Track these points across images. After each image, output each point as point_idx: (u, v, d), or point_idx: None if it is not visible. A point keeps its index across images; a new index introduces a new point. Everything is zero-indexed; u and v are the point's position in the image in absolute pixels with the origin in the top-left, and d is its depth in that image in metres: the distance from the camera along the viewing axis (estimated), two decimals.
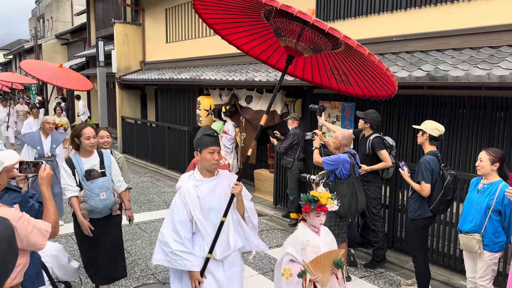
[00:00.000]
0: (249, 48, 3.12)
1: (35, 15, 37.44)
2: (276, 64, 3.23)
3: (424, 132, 3.99)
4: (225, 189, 2.77)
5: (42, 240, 1.98)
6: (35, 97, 23.30)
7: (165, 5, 11.58)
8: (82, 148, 3.48)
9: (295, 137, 6.25)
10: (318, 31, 2.46)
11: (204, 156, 2.70)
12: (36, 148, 5.62)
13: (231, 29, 2.97)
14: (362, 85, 2.92)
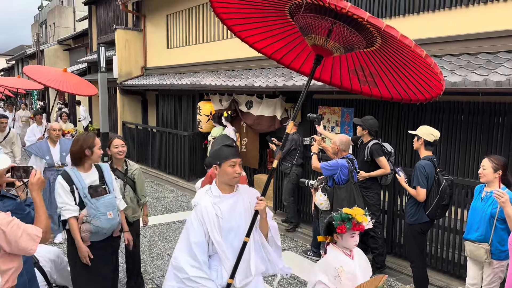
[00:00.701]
0: (272, 52, 2.87)
1: (38, 21, 37.68)
2: (301, 67, 2.97)
3: (419, 137, 4.02)
4: (245, 206, 2.50)
5: (33, 245, 2.00)
6: (37, 102, 23.41)
7: (166, 11, 11.67)
8: (88, 161, 3.14)
9: (293, 142, 6.27)
10: (355, 27, 2.19)
11: (224, 170, 2.42)
12: (44, 158, 5.23)
13: (251, 30, 2.75)
14: (392, 87, 2.65)
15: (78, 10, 27.85)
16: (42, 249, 2.83)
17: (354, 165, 4.72)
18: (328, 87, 5.78)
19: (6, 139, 7.15)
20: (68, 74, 7.62)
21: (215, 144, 2.56)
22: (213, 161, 2.49)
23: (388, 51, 2.39)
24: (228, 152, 2.44)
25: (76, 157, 3.07)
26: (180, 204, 7.95)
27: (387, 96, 2.75)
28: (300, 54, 2.85)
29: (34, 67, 8.21)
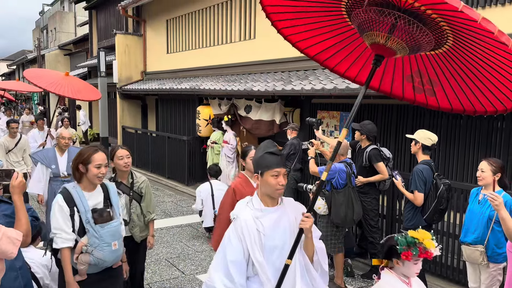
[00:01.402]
0: (325, 58, 2.58)
1: (39, 26, 37.86)
2: (357, 76, 2.65)
3: (417, 141, 4.01)
4: (290, 222, 2.20)
5: (13, 249, 1.97)
6: (37, 107, 23.44)
7: (166, 16, 11.71)
8: (87, 179, 2.65)
9: (292, 147, 6.26)
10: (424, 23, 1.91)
11: (266, 180, 2.16)
12: (50, 167, 4.86)
13: (302, 33, 2.49)
14: (455, 96, 2.33)
15: (79, 15, 27.98)
16: (34, 255, 2.81)
17: (352, 170, 4.71)
18: (327, 91, 5.82)
19: (17, 146, 6.83)
20: (71, 78, 7.20)
21: (257, 151, 2.30)
22: (255, 170, 2.23)
23: (459, 53, 2.08)
24: (271, 161, 2.17)
25: (74, 172, 2.67)
26: (179, 209, 7.92)
27: (446, 107, 2.44)
28: (356, 61, 2.54)
29: (34, 71, 7.88)
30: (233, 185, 3.27)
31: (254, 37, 8.62)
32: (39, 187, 4.93)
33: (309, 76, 6.75)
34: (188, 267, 5.13)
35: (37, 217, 2.73)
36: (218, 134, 8.46)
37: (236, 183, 3.26)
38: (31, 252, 2.79)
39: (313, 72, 6.98)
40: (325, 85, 5.90)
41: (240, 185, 3.22)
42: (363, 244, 5.39)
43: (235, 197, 3.12)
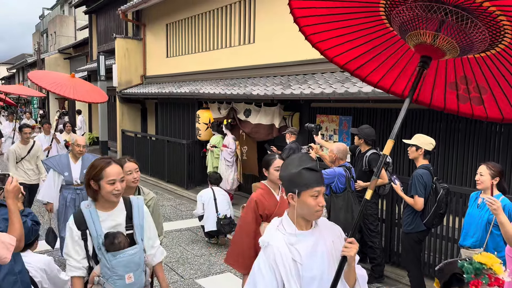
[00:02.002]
0: (356, 67, 2.29)
1: (39, 30, 37.94)
2: (392, 86, 2.34)
3: (419, 147, 4.01)
4: (328, 247, 1.90)
5: (7, 254, 1.96)
6: (37, 110, 23.44)
7: (166, 20, 11.75)
8: (102, 197, 2.25)
9: (291, 151, 6.26)
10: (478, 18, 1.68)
11: (304, 201, 1.83)
12: (63, 174, 4.64)
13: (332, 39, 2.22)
14: (507, 104, 2.06)
15: (79, 19, 28.04)
16: (32, 259, 2.81)
17: (351, 174, 4.72)
18: (326, 95, 5.83)
19: (30, 153, 6.33)
20: (77, 80, 6.90)
21: (291, 165, 1.92)
22: (288, 188, 1.89)
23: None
24: (310, 178, 1.84)
25: (87, 189, 2.29)
26: (178, 213, 7.92)
27: (495, 117, 2.14)
28: (392, 70, 2.25)
29: (39, 72, 7.53)
30: (254, 196, 3.06)
31: (253, 41, 8.65)
32: (50, 195, 4.71)
33: (308, 80, 6.77)
34: (187, 271, 5.12)
35: (37, 221, 2.72)
36: (217, 138, 8.47)
37: (258, 195, 3.10)
38: (29, 256, 2.79)
39: (312, 76, 6.99)
40: (324, 89, 5.92)
41: (262, 196, 3.08)
42: (363, 249, 5.38)
43: (257, 210, 3.03)
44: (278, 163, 3.06)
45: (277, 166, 3.03)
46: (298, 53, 7.50)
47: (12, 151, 6.27)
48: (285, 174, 1.92)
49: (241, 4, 8.98)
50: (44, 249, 5.67)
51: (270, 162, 3.14)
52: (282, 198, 3.13)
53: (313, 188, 1.83)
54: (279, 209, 3.03)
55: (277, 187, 3.16)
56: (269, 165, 3.14)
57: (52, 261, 3.10)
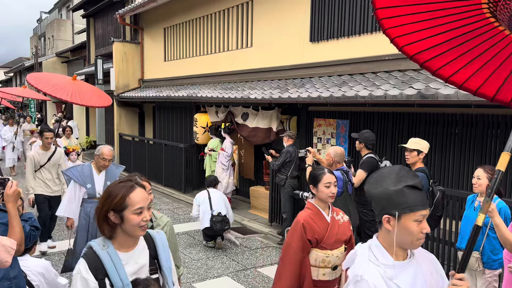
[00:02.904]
0: (452, 73, 1.93)
1: (37, 33, 37.93)
2: (497, 93, 1.97)
3: (421, 151, 4.03)
4: (426, 280, 1.62)
5: (7, 257, 1.97)
6: (35, 114, 23.38)
7: (164, 24, 11.78)
8: (123, 233, 1.74)
9: (288, 154, 6.28)
10: None
11: (406, 226, 1.54)
12: (85, 186, 4.20)
13: (423, 41, 1.87)
14: None
15: (77, 23, 28.05)
16: (30, 263, 2.80)
17: (348, 178, 4.72)
18: (323, 98, 5.85)
19: (51, 161, 5.66)
20: (79, 83, 6.36)
21: (387, 180, 1.58)
22: (384, 209, 1.58)
23: None
24: (414, 199, 1.54)
25: (101, 225, 1.74)
26: (176, 217, 7.90)
27: None
28: (494, 75, 1.90)
29: (38, 75, 6.99)
30: (301, 218, 2.64)
31: (251, 45, 8.68)
32: (70, 209, 4.25)
33: (306, 84, 6.79)
34: (185, 276, 5.11)
35: (37, 226, 2.71)
36: (215, 141, 8.47)
37: (305, 217, 2.68)
38: (27, 260, 2.79)
39: (310, 80, 7.02)
40: (322, 93, 5.94)
41: (310, 219, 2.67)
42: None
43: (305, 235, 2.62)
44: (328, 179, 2.71)
45: (328, 182, 2.69)
46: (295, 57, 7.53)
47: (30, 157, 5.61)
48: (379, 191, 1.57)
49: (239, 8, 9.02)
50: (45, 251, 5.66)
51: (319, 178, 2.73)
52: (333, 219, 2.74)
53: (418, 211, 1.53)
54: (330, 233, 2.68)
55: (326, 206, 2.76)
56: (318, 181, 2.73)
57: (50, 265, 3.09)
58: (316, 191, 2.73)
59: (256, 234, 6.88)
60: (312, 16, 7.18)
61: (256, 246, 6.29)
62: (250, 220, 7.51)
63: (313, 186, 2.76)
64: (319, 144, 7.14)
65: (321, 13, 7.03)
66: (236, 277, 5.10)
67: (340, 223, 2.76)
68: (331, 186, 2.71)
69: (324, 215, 2.72)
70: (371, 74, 6.12)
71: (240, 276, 5.12)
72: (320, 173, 2.76)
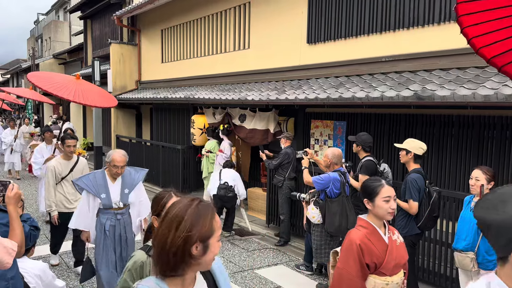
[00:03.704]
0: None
1: (34, 35, 37.86)
2: None
3: (409, 151, 4.06)
4: None
5: (8, 259, 1.99)
6: (31, 116, 23.32)
7: (161, 26, 11.78)
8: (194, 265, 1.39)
9: (286, 156, 6.28)
10: None
11: None
12: (99, 197, 3.77)
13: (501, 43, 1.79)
14: None
15: (74, 25, 28.02)
16: (28, 264, 2.80)
17: (346, 179, 4.73)
18: (320, 100, 5.86)
19: (73, 172, 4.96)
20: (82, 82, 6.00)
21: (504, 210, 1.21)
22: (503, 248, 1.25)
23: None
24: None
25: (170, 261, 1.33)
26: None
27: None
28: None
29: (39, 73, 6.54)
30: (357, 239, 2.28)
31: (248, 47, 8.69)
32: (85, 222, 3.89)
33: (303, 86, 6.80)
34: None
35: (36, 226, 2.72)
36: (213, 143, 8.47)
37: (361, 237, 2.31)
38: (25, 262, 2.78)
39: (307, 81, 7.03)
40: (318, 94, 5.95)
41: (366, 239, 2.30)
42: None
43: (362, 258, 2.26)
44: (387, 192, 2.34)
45: (387, 196, 2.32)
46: (292, 58, 7.54)
47: (51, 168, 4.86)
48: (502, 218, 1.20)
49: (236, 10, 9.03)
50: (39, 255, 5.63)
51: (376, 191, 2.35)
52: (390, 240, 2.37)
53: None
54: (389, 256, 2.30)
55: (382, 224, 2.39)
56: (375, 194, 2.35)
57: (47, 268, 3.09)
58: (372, 206, 2.36)
59: (253, 235, 6.88)
60: (309, 18, 7.20)
61: (253, 247, 6.29)
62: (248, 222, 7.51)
63: (368, 200, 2.38)
64: (317, 146, 7.15)
65: (318, 15, 7.05)
66: (233, 278, 5.09)
67: (398, 244, 2.39)
68: (391, 200, 2.34)
69: (381, 234, 2.35)
70: (368, 75, 6.14)
71: (237, 278, 5.11)
72: (377, 185, 2.38)
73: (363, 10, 6.31)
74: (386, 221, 2.41)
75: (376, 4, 6.11)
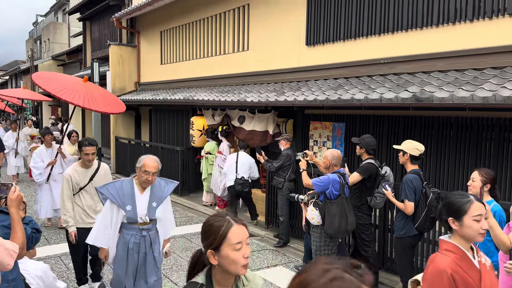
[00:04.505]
0: None
1: (33, 36, 37.84)
2: None
3: (405, 152, 4.09)
4: None
5: (10, 260, 2.01)
6: (30, 117, 23.31)
7: (160, 27, 11.79)
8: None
9: (287, 158, 6.30)
10: None
11: None
12: (124, 209, 3.27)
13: None
14: None
15: (73, 26, 28.01)
16: (29, 266, 2.80)
17: (345, 180, 4.74)
18: (319, 102, 5.88)
19: (94, 181, 4.26)
20: (90, 86, 5.58)
21: None
22: None
23: None
24: None
25: None
26: None
27: None
28: None
29: (45, 74, 6.04)
30: (447, 267, 1.92)
31: (247, 48, 8.71)
32: (106, 238, 3.32)
33: (302, 87, 6.82)
34: (182, 279, 5.10)
35: (38, 229, 2.70)
36: (212, 144, 8.48)
37: (451, 264, 1.95)
38: (26, 263, 2.78)
39: (306, 83, 7.05)
40: (318, 96, 5.97)
41: (457, 266, 1.94)
42: (356, 255, 5.40)
43: None
44: (478, 209, 2.00)
45: (478, 214, 1.99)
46: (291, 60, 7.56)
47: (67, 178, 4.16)
48: None
49: (235, 12, 9.05)
50: (41, 255, 5.63)
51: (465, 208, 2.02)
52: (481, 264, 2.02)
53: None
54: (484, 285, 1.96)
55: (469, 246, 2.04)
56: (463, 212, 2.01)
57: (48, 269, 3.09)
58: (459, 226, 2.01)
59: (252, 237, 6.89)
60: (308, 20, 7.23)
61: (252, 249, 6.30)
62: (247, 224, 7.52)
63: (453, 219, 2.03)
64: (315, 147, 7.17)
65: (317, 17, 7.07)
66: None
67: (488, 269, 2.04)
68: (482, 219, 2.00)
69: (470, 258, 1.99)
70: (367, 77, 6.16)
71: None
72: (465, 201, 2.03)
73: (362, 12, 6.34)
74: (472, 243, 2.06)
75: (375, 6, 6.14)
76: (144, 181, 3.31)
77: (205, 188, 8.60)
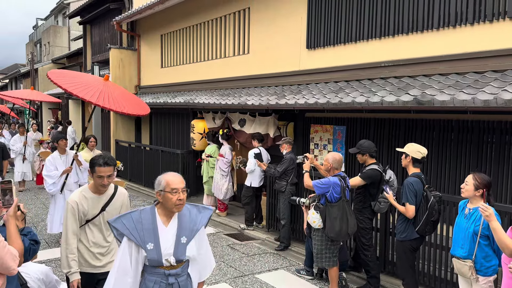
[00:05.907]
0: None
1: (33, 40, 37.91)
2: None
3: (407, 155, 4.09)
4: None
5: (14, 265, 2.03)
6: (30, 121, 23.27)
7: (161, 31, 11.82)
8: None
9: (291, 162, 6.29)
10: None
11: None
12: (145, 248, 2.41)
13: None
14: None
15: (73, 30, 28.08)
16: (30, 269, 2.79)
17: (346, 183, 4.74)
18: (320, 105, 5.88)
19: (107, 210, 3.20)
20: (110, 85, 5.12)
21: None
22: None
23: None
24: None
25: None
26: None
27: None
28: None
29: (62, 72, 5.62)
30: None
31: (248, 52, 8.72)
32: (125, 286, 2.41)
33: (303, 91, 6.83)
34: None
35: (36, 240, 2.60)
36: (213, 147, 8.48)
37: None
38: (28, 266, 2.77)
39: (306, 86, 7.06)
40: (318, 99, 5.97)
41: None
42: (357, 258, 5.39)
43: None
44: None
45: None
46: (292, 63, 7.57)
47: (72, 206, 3.06)
48: None
49: (235, 15, 9.07)
50: (42, 259, 5.61)
51: None
52: None
53: None
54: None
55: None
56: None
57: (50, 271, 3.07)
58: None
59: (253, 240, 6.88)
60: (309, 23, 7.24)
61: (253, 252, 6.28)
62: (248, 227, 7.50)
63: None
64: (316, 150, 7.17)
65: (318, 20, 7.08)
66: (234, 283, 5.09)
67: None
68: None
69: None
70: (368, 80, 6.17)
71: (238, 283, 5.11)
72: None
73: (362, 15, 6.35)
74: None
75: (375, 10, 6.15)
76: (174, 206, 2.46)
77: (206, 191, 8.59)
